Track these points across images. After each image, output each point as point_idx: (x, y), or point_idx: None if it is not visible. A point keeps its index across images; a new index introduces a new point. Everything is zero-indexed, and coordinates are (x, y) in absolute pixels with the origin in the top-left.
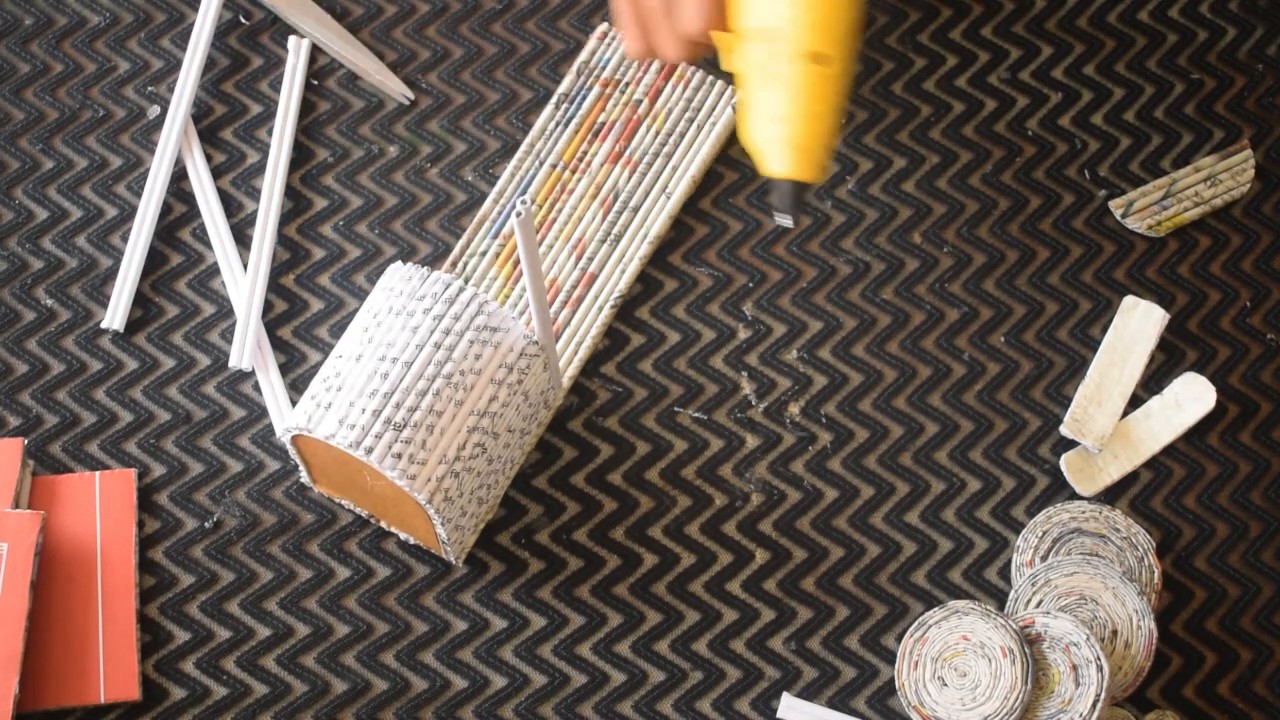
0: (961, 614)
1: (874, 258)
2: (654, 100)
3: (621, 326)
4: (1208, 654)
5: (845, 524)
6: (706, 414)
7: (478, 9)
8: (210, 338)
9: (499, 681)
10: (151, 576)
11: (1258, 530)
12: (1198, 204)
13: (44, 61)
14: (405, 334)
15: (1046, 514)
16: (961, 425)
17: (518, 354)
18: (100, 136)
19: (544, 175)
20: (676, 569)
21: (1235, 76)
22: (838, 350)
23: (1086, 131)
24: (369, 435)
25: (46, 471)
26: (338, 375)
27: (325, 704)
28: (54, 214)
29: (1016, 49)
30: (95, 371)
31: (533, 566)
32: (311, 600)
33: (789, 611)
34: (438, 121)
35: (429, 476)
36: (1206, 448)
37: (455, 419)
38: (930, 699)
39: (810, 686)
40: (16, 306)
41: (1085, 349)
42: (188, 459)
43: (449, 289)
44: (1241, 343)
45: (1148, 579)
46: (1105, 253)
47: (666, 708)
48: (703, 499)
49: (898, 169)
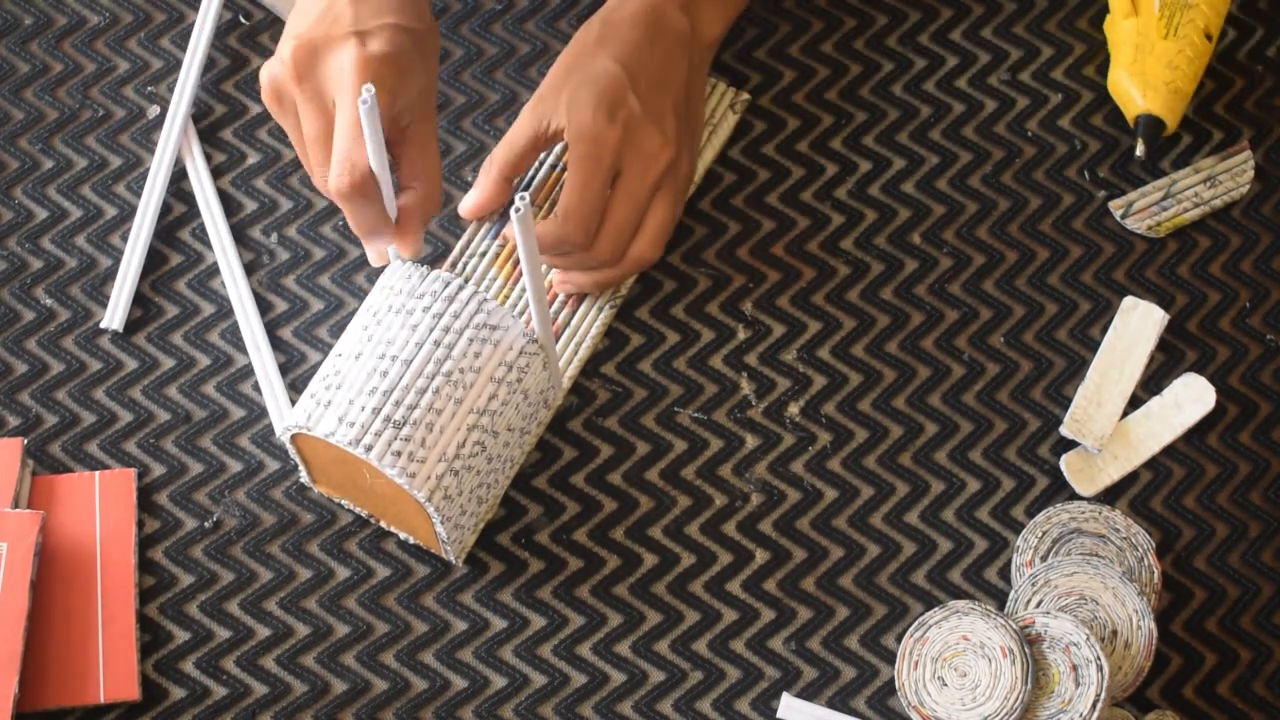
0: (961, 614)
1: (873, 258)
2: None
3: (621, 326)
4: (1208, 654)
5: (845, 524)
6: (706, 414)
7: (478, 9)
8: (210, 338)
9: (499, 681)
10: (151, 576)
11: (1257, 530)
12: (1197, 205)
13: (44, 61)
14: (405, 332)
15: (1046, 514)
16: (961, 426)
17: (517, 352)
18: (100, 136)
19: (544, 175)
20: (676, 569)
21: (1235, 78)
22: (837, 350)
23: (1086, 132)
24: (369, 433)
25: (46, 471)
26: (337, 373)
27: (325, 704)
28: (54, 214)
29: (1016, 49)
30: (95, 371)
31: (533, 566)
32: (311, 600)
33: (789, 611)
34: (437, 122)
35: (429, 474)
36: (1206, 448)
37: (455, 417)
38: (930, 699)
39: (810, 686)
40: (16, 306)
41: (1085, 349)
42: (188, 459)
43: (448, 287)
44: (1241, 343)
45: (1148, 579)
46: (1105, 253)
47: (666, 708)
48: (703, 499)
49: (897, 169)
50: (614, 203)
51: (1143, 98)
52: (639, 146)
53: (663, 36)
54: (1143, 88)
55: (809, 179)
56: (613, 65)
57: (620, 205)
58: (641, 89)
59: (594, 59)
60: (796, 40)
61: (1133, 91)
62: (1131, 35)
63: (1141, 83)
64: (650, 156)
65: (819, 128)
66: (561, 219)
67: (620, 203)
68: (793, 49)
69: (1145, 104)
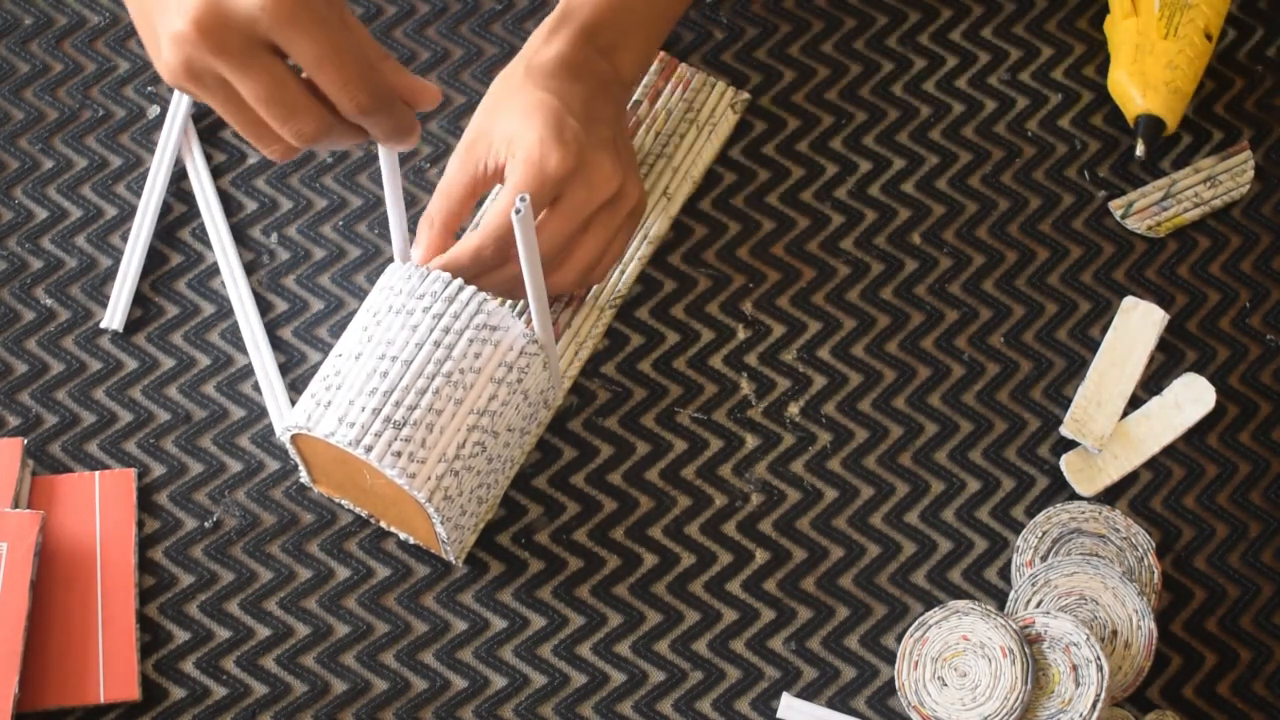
0: (961, 614)
1: (873, 258)
2: (653, 101)
3: (621, 327)
4: (1208, 654)
5: (845, 524)
6: (706, 414)
7: (478, 9)
8: (210, 338)
9: (499, 681)
10: (151, 576)
11: (1257, 530)
12: (1197, 205)
13: (44, 61)
14: (405, 332)
15: (1046, 514)
16: (961, 426)
17: (517, 353)
18: (100, 136)
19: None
20: (676, 569)
21: (1234, 78)
22: (837, 350)
23: (1086, 132)
24: (369, 433)
25: (46, 471)
26: (337, 374)
27: (325, 704)
28: (53, 214)
29: (1016, 49)
30: (95, 371)
31: (533, 566)
32: (311, 600)
33: (789, 611)
34: (437, 122)
35: (429, 475)
36: (1206, 448)
37: (455, 417)
38: (930, 699)
39: (810, 686)
40: (16, 306)
41: (1085, 349)
42: (187, 459)
43: (449, 287)
44: (1241, 343)
45: (1148, 579)
46: (1105, 253)
47: (666, 708)
48: (702, 499)
49: (897, 169)
50: (548, 222)
51: (1143, 98)
52: (586, 173)
53: (587, 77)
54: (1143, 88)
55: (809, 179)
56: (545, 95)
57: (553, 225)
58: (579, 121)
59: (523, 93)
60: (797, 40)
61: (1133, 91)
62: (1131, 35)
63: (1141, 83)
64: (596, 185)
65: (819, 128)
66: (480, 238)
67: (554, 225)
68: (793, 49)
69: (1145, 104)
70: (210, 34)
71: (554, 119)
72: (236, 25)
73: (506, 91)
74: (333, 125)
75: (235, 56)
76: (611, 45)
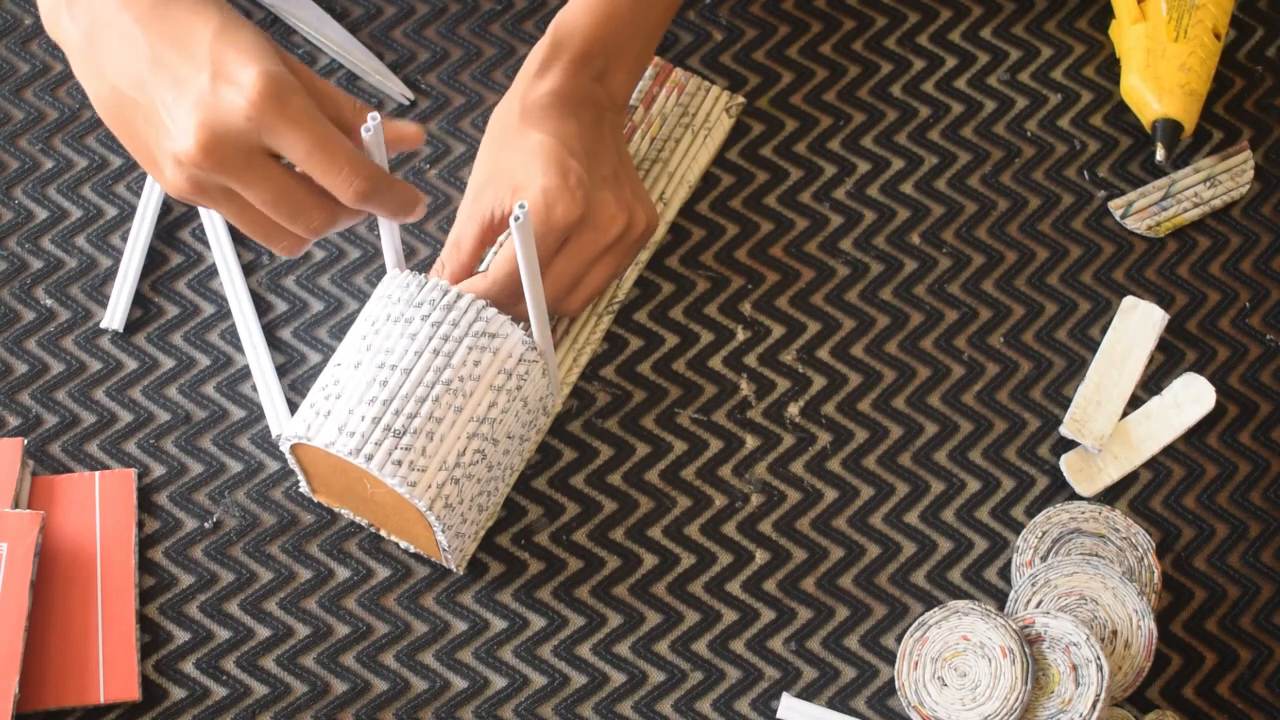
0: (961, 614)
1: (872, 259)
2: (648, 106)
3: (620, 330)
4: (1208, 654)
5: (845, 524)
6: (706, 415)
7: (478, 9)
8: (210, 338)
9: (499, 682)
10: (151, 576)
11: (1257, 530)
12: (1197, 205)
13: (44, 61)
14: (404, 341)
15: (1046, 514)
16: (961, 426)
17: (516, 360)
18: (100, 136)
19: None
20: (676, 569)
21: (1234, 78)
22: (836, 351)
23: (1085, 132)
24: (369, 442)
25: (46, 471)
26: (336, 383)
27: (325, 704)
28: (53, 214)
29: (1016, 50)
30: (95, 371)
31: (532, 567)
32: (311, 601)
33: (789, 612)
34: (437, 122)
35: (429, 483)
36: (1206, 448)
37: (455, 425)
38: (930, 699)
39: (810, 687)
40: (16, 306)
41: (1084, 349)
42: (187, 459)
43: (447, 295)
44: (1241, 343)
45: (1147, 579)
46: (1104, 253)
47: (666, 708)
48: (702, 500)
49: (896, 170)
50: (556, 264)
51: (1159, 102)
52: (592, 218)
53: (584, 109)
54: (1158, 92)
55: (808, 180)
56: (545, 138)
57: (561, 266)
58: (581, 160)
59: (523, 137)
60: (795, 42)
61: (1148, 96)
62: (1142, 40)
63: (1156, 87)
64: (601, 228)
65: (817, 129)
66: (490, 282)
67: (562, 266)
68: (791, 50)
69: (1162, 108)
70: (213, 153)
71: (557, 165)
72: (234, 139)
73: (505, 133)
74: (338, 214)
75: (238, 169)
76: (604, 70)
